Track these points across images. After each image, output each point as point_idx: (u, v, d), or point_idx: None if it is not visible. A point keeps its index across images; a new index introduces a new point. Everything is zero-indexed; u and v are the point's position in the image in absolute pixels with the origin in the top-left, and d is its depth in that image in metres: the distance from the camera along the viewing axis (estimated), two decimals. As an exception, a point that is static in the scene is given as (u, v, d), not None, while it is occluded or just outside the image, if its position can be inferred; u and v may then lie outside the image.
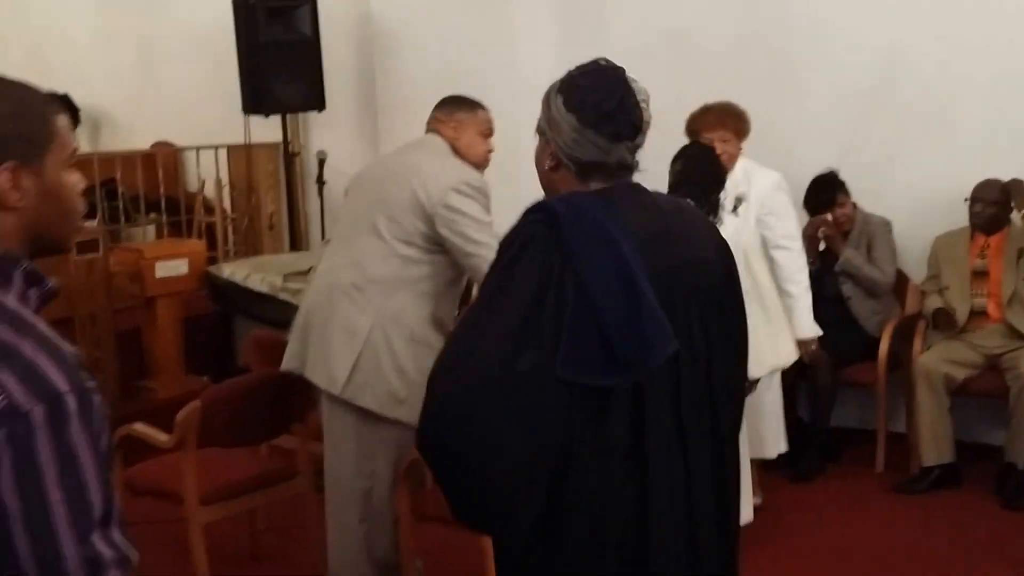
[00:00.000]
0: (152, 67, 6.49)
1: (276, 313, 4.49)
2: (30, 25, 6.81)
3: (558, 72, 1.90)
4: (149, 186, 5.89)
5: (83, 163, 5.50)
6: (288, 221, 5.83)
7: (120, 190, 5.67)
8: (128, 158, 5.68)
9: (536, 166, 1.86)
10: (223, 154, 5.81)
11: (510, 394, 1.60)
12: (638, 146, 1.78)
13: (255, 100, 5.24)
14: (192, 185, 6.32)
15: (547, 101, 1.80)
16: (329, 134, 5.71)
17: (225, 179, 5.86)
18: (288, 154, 5.68)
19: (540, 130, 1.82)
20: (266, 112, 5.29)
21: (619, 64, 1.85)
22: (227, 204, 5.98)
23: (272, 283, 4.75)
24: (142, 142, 6.33)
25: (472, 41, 5.35)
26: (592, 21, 5.20)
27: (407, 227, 2.95)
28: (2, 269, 1.26)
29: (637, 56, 3.35)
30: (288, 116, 5.58)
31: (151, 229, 6.17)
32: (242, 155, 5.80)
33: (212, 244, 5.68)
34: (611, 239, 1.67)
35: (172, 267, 4.95)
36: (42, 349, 1.21)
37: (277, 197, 6.04)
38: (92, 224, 5.18)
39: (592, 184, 1.77)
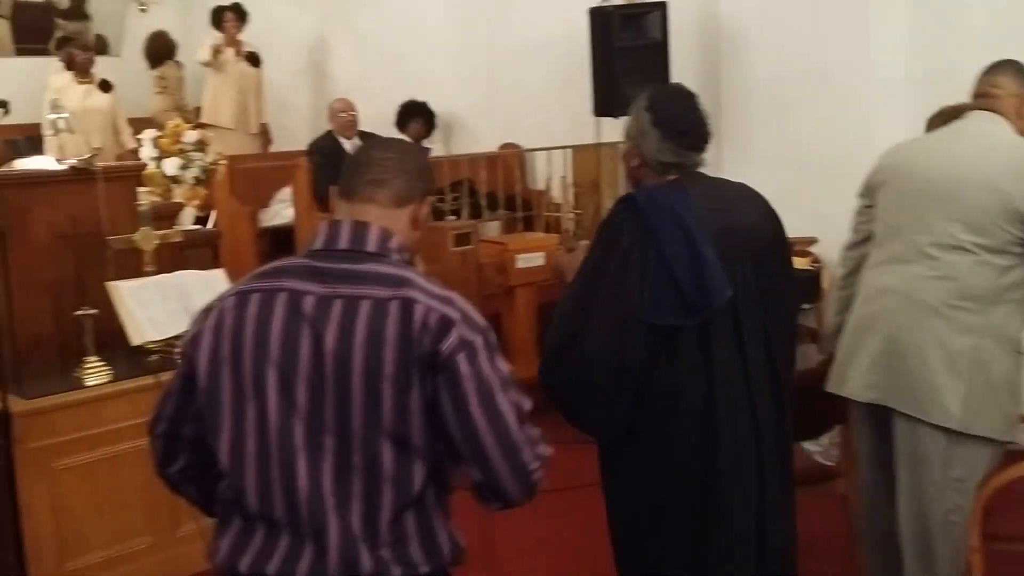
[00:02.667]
0: (501, 74, 6.96)
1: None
2: (395, 41, 7.48)
3: (914, 67, 2.16)
4: (496, 185, 6.37)
5: (455, 163, 6.05)
6: (629, 217, 6.09)
7: (479, 189, 6.16)
8: (492, 159, 6.17)
9: (624, 162, 2.48)
10: (569, 154, 6.16)
11: (612, 333, 2.21)
12: (704, 150, 2.38)
13: (607, 103, 5.54)
14: (535, 183, 6.74)
15: (636, 115, 2.37)
16: (671, 133, 5.91)
17: (570, 178, 6.22)
18: (632, 153, 5.94)
19: (629, 136, 2.40)
20: (617, 114, 5.55)
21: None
22: (570, 200, 6.35)
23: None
24: (489, 144, 6.81)
25: (822, 39, 5.36)
26: (950, 11, 5.07)
27: (998, 236, 2.63)
28: (408, 259, 1.77)
29: (999, 50, 3.26)
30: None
31: (497, 224, 6.65)
32: (589, 154, 6.13)
33: (556, 239, 6.05)
34: (678, 216, 2.24)
35: (530, 259, 5.35)
36: (465, 301, 1.71)
37: (616, 194, 6.33)
38: (453, 220, 5.71)
39: (668, 177, 2.35)
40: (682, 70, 5.69)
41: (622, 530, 2.45)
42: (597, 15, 5.50)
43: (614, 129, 5.87)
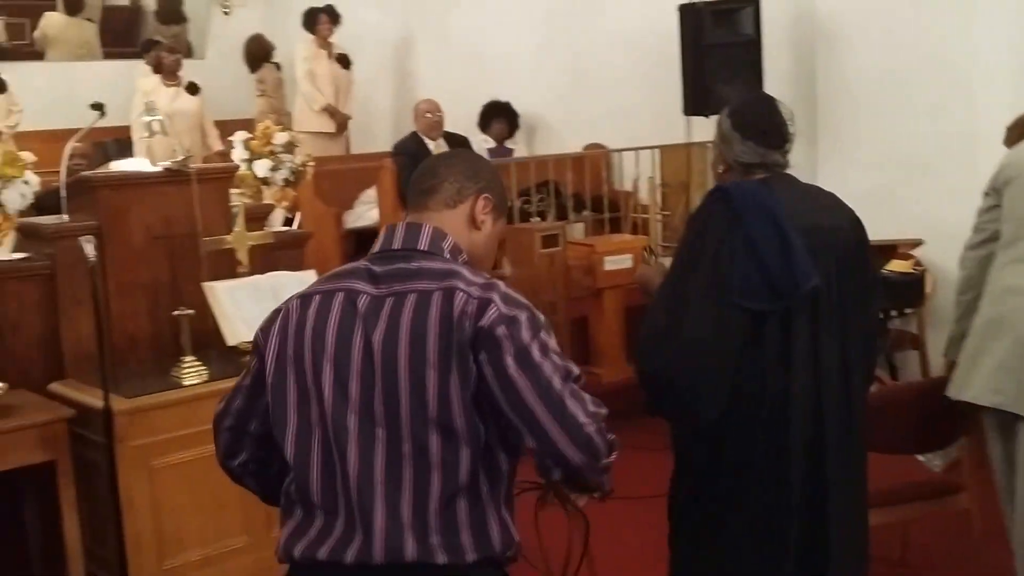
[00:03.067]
0: (585, 73, 6.88)
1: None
2: (478, 41, 7.45)
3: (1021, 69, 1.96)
4: (582, 185, 6.29)
5: (541, 164, 5.99)
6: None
7: (564, 190, 6.09)
8: (578, 160, 6.10)
9: (712, 170, 2.58)
10: (657, 154, 6.06)
11: (711, 318, 2.23)
12: (787, 151, 2.44)
13: (697, 101, 5.43)
14: (622, 183, 6.64)
15: (719, 123, 2.46)
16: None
17: (658, 178, 6.11)
18: (722, 153, 5.83)
19: (716, 144, 2.50)
20: (708, 112, 5.45)
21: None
22: (659, 201, 6.25)
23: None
24: (573, 145, 6.73)
25: (924, 37, 5.18)
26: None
27: None
28: (465, 260, 1.81)
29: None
30: (721, 116, 5.73)
31: (582, 226, 6.58)
32: (679, 154, 6.03)
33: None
34: (768, 206, 2.30)
35: (618, 261, 5.28)
36: (508, 286, 1.76)
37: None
38: (538, 221, 5.65)
39: (755, 177, 2.40)
40: (776, 68, 5.57)
41: (683, 537, 2.46)
42: (687, 11, 5.41)
43: (705, 128, 5.77)
